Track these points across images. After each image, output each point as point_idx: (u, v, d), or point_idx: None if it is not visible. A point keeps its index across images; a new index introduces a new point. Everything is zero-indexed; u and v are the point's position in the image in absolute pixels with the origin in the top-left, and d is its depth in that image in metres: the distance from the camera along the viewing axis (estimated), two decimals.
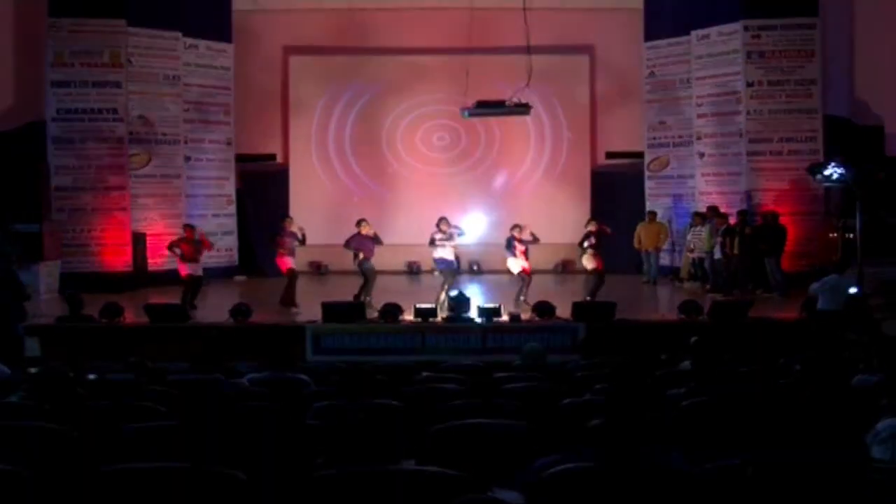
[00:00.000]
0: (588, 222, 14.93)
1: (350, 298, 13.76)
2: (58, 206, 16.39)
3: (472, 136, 19.68)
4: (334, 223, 17.00)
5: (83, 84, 16.61)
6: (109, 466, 4.25)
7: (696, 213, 16.79)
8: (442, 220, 14.51)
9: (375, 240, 14.49)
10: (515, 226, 14.57)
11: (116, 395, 6.12)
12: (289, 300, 14.18)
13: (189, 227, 15.06)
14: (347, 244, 14.41)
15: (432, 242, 14.43)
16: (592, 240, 14.37)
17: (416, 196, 19.47)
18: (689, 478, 4.09)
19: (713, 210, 16.19)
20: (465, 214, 18.01)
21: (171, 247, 14.86)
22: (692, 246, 16.61)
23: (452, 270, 14.57)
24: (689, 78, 17.85)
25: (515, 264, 14.39)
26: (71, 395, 5.91)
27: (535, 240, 14.41)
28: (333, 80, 19.82)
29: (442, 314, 12.68)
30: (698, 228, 16.44)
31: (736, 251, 15.41)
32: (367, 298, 13.95)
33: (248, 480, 4.13)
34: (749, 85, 16.77)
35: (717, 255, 15.64)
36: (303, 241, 14.58)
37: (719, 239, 15.60)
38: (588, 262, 14.59)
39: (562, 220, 18.54)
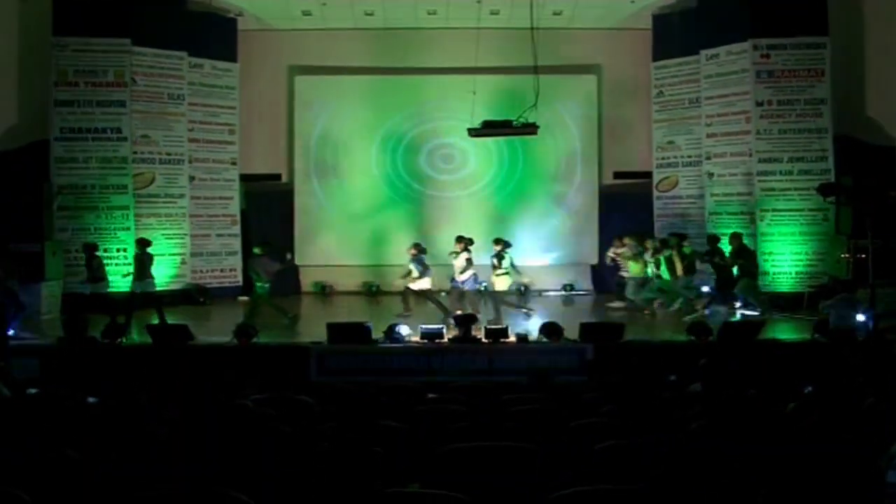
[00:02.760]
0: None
1: (355, 319, 13.65)
2: (60, 225, 16.29)
3: (479, 157, 19.48)
4: (338, 243, 16.84)
5: (87, 103, 16.55)
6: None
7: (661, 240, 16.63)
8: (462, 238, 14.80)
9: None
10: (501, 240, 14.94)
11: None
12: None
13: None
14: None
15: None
16: None
17: (420, 217, 19.31)
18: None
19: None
20: (470, 234, 17.80)
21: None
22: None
23: (461, 290, 14.52)
24: (698, 97, 17.72)
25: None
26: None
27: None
28: (338, 100, 19.67)
29: (448, 334, 12.49)
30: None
31: (680, 273, 15.43)
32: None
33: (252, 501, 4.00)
34: (758, 104, 16.63)
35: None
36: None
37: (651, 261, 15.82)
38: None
39: (569, 240, 18.39)
